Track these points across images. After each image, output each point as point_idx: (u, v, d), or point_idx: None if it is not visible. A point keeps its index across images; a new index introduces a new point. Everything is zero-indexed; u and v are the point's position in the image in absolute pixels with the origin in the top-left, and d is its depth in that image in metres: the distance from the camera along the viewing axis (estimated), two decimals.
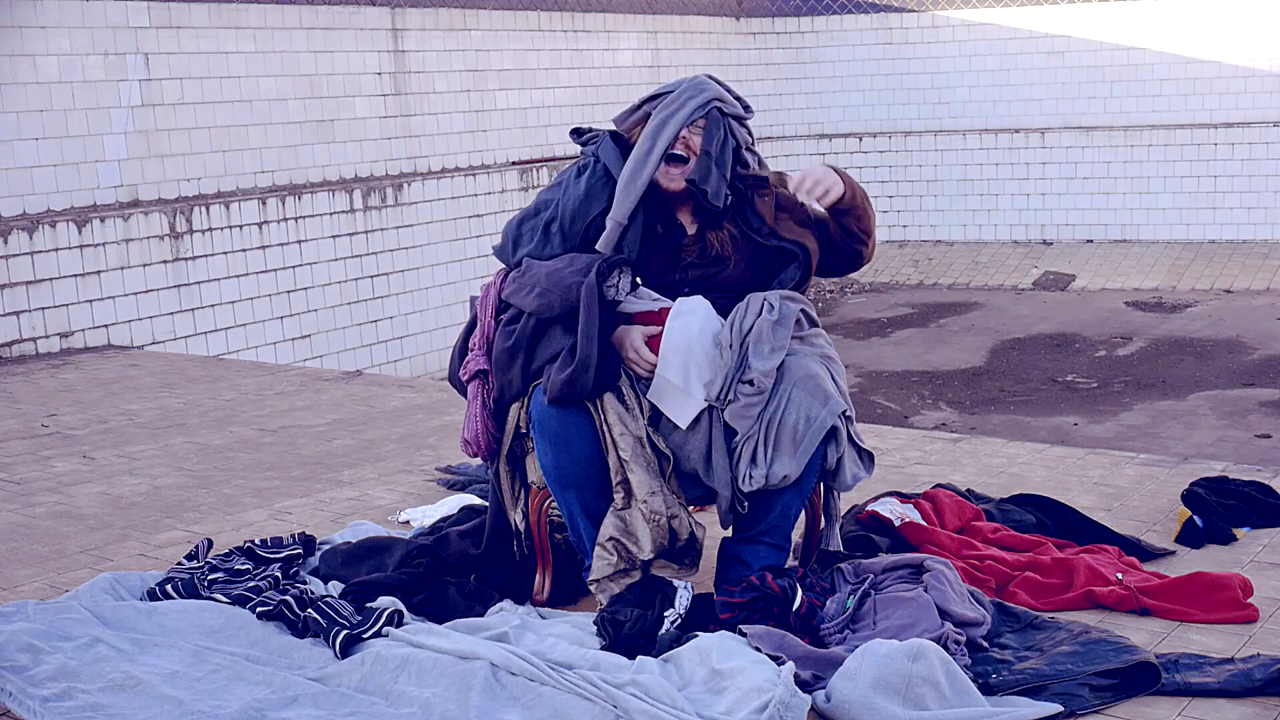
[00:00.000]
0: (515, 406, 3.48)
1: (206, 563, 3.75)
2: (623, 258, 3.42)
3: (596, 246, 3.47)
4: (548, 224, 3.52)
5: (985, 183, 14.65)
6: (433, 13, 11.11)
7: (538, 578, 3.59)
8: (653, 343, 3.40)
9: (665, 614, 3.21)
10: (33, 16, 8.33)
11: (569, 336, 3.34)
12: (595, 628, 3.21)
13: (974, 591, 3.35)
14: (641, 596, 3.28)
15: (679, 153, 3.45)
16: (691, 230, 3.54)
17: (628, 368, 3.40)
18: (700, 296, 3.45)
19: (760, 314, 3.37)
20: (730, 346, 3.34)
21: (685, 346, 3.35)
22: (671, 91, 3.52)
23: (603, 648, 3.12)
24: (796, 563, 3.63)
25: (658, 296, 3.47)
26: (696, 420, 3.36)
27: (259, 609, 3.36)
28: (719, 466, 3.35)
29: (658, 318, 3.43)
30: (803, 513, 3.51)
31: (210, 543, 3.97)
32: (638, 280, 3.48)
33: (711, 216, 3.52)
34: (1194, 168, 13.76)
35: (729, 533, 3.49)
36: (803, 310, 3.46)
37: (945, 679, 2.80)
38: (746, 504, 3.36)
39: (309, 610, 3.30)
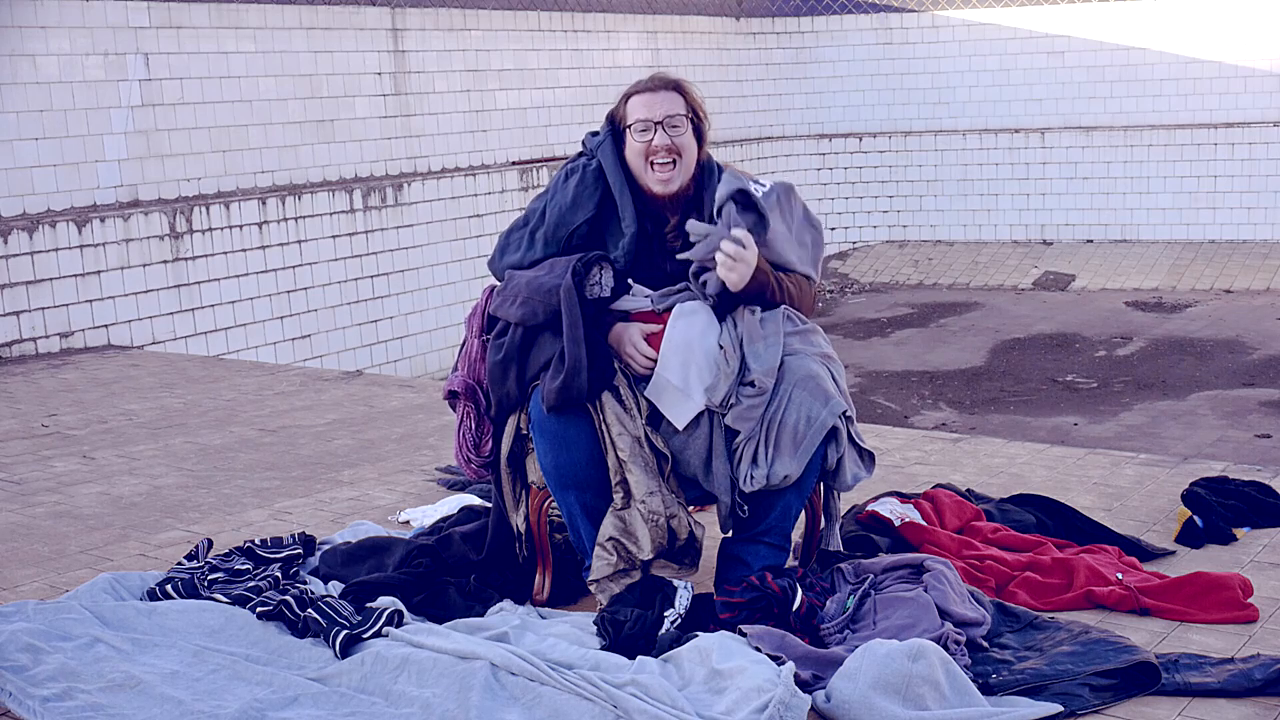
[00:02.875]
0: (515, 413, 3.48)
1: (206, 563, 3.74)
2: (600, 254, 3.42)
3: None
4: (534, 232, 3.54)
5: (985, 183, 14.65)
6: (433, 13, 11.11)
7: (538, 578, 3.59)
8: (652, 341, 3.39)
9: (665, 614, 3.21)
10: (33, 16, 8.33)
11: (559, 341, 3.34)
12: (595, 628, 3.21)
13: (974, 591, 3.35)
14: (641, 596, 3.28)
15: (663, 159, 3.47)
16: (674, 220, 3.55)
17: (625, 366, 3.40)
18: (700, 301, 3.45)
19: (745, 317, 3.39)
20: (734, 350, 3.34)
21: (686, 346, 3.35)
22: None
23: (603, 648, 3.12)
24: (796, 563, 3.62)
25: (650, 293, 3.47)
26: (696, 424, 3.35)
27: (259, 609, 3.36)
28: (719, 473, 3.34)
29: (657, 317, 3.42)
30: (803, 513, 3.51)
31: (210, 543, 3.97)
32: (630, 281, 3.48)
33: (695, 209, 3.52)
34: (1194, 168, 13.76)
35: (729, 533, 3.49)
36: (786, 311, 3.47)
37: (945, 679, 2.80)
38: (747, 509, 3.36)
39: (309, 610, 3.30)
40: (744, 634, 3.09)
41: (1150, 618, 3.38)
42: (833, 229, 15.19)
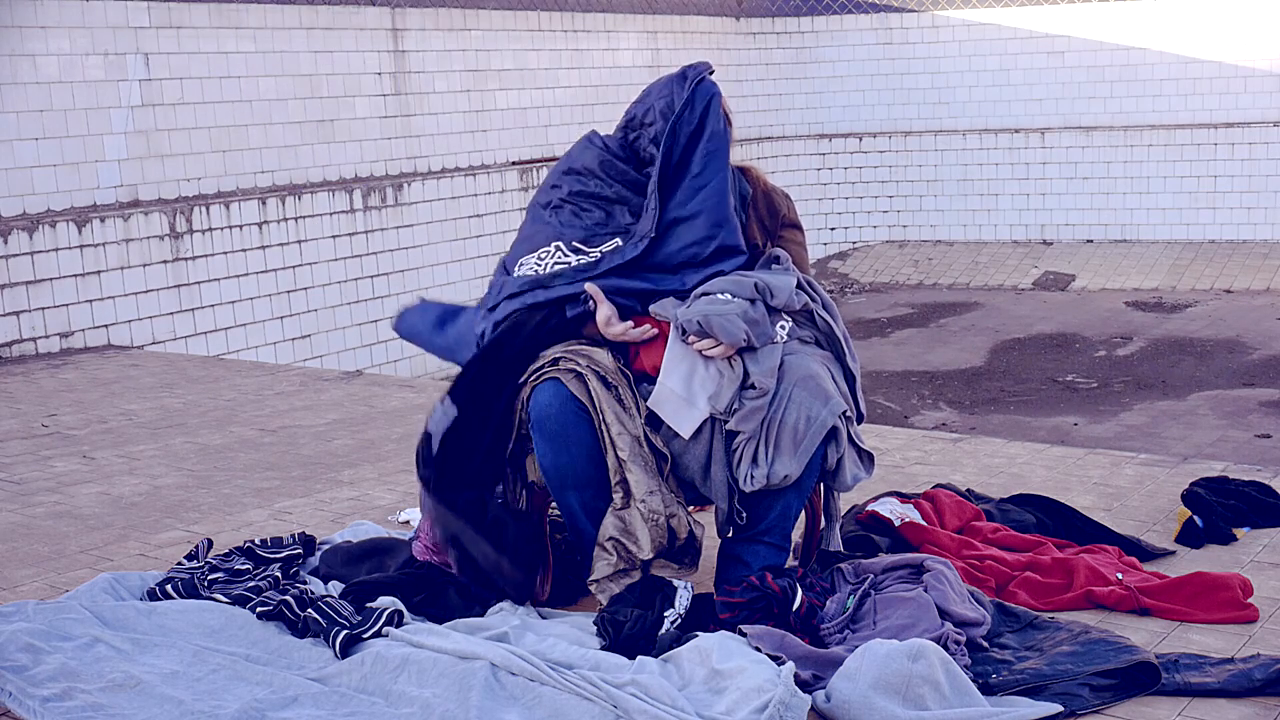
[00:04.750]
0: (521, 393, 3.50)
1: (206, 563, 3.75)
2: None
3: None
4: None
5: (985, 183, 14.65)
6: (433, 12, 11.11)
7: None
8: (654, 344, 3.40)
9: (665, 614, 3.21)
10: (33, 16, 8.33)
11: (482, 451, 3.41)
12: (595, 628, 3.21)
13: (974, 591, 3.35)
14: (641, 596, 3.28)
15: None
16: None
17: (627, 363, 3.40)
18: None
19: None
20: (736, 356, 3.34)
21: (690, 355, 3.34)
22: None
23: (603, 648, 3.12)
24: (796, 563, 3.63)
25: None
26: (699, 432, 3.34)
27: (259, 609, 3.36)
28: (717, 479, 3.34)
29: (654, 322, 3.42)
30: (803, 513, 3.50)
31: (210, 543, 3.97)
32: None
33: None
34: (1194, 168, 13.76)
35: (729, 534, 3.49)
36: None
37: (945, 679, 2.80)
38: (745, 515, 3.35)
39: (309, 610, 3.30)
40: (744, 634, 3.09)
41: (1150, 618, 3.39)
42: (833, 229, 15.18)
